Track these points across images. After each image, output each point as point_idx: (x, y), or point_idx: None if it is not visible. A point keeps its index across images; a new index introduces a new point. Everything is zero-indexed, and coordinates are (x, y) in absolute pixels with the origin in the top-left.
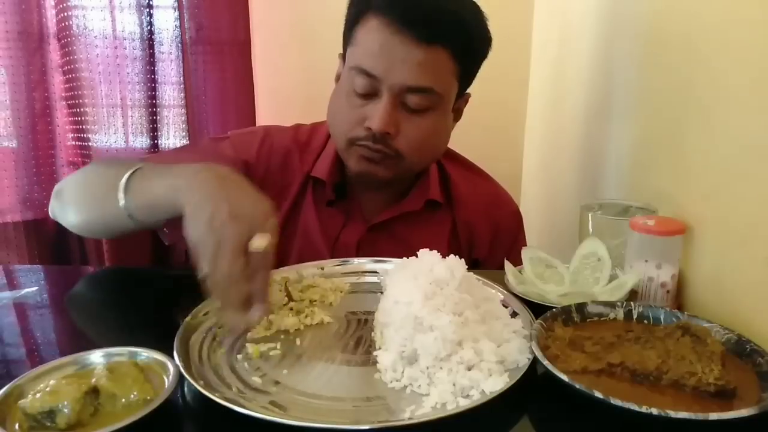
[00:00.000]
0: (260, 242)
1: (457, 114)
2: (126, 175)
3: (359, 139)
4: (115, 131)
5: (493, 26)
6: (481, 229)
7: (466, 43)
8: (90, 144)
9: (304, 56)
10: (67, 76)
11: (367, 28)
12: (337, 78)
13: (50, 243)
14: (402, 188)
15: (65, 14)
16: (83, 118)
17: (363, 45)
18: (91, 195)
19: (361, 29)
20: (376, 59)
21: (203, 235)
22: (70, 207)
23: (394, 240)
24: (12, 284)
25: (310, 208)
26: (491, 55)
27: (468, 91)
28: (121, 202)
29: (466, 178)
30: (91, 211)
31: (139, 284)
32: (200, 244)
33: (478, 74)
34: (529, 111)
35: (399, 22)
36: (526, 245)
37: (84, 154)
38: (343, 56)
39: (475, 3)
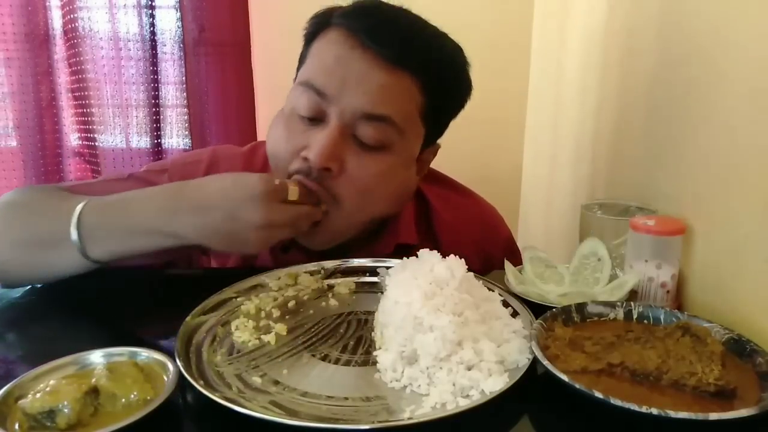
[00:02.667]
0: (291, 189)
1: (422, 166)
2: (77, 210)
3: (297, 172)
4: (121, 131)
5: (493, 26)
6: (472, 260)
7: (437, 75)
8: (96, 144)
9: None
10: (73, 77)
11: (325, 40)
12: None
13: None
14: (368, 233)
15: (72, 16)
16: (89, 119)
17: (316, 58)
18: (27, 240)
19: (317, 42)
20: (328, 74)
21: (259, 233)
22: None
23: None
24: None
25: (264, 256)
26: (491, 55)
27: (439, 142)
28: (73, 237)
29: (448, 203)
30: (28, 259)
31: (140, 284)
32: (267, 230)
33: (478, 74)
34: (529, 111)
35: (362, 36)
36: None
37: (91, 154)
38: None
39: (458, 45)
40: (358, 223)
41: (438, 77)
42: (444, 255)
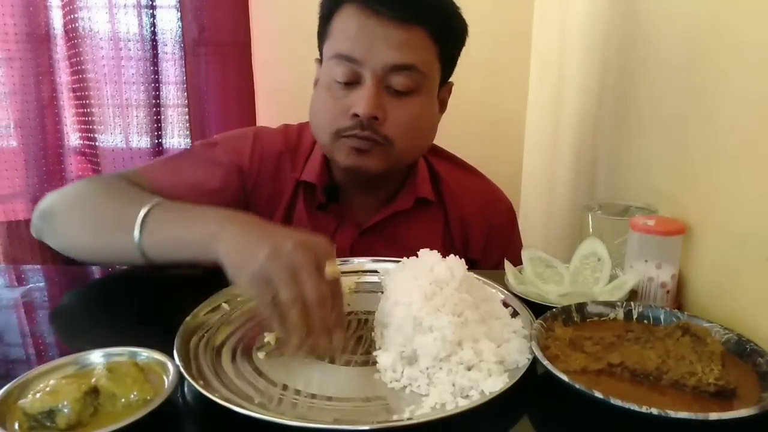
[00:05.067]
0: (333, 268)
1: (443, 105)
2: (143, 212)
3: (345, 130)
4: (121, 131)
5: (493, 26)
6: (476, 228)
7: (443, 25)
8: (97, 144)
9: (304, 57)
10: (74, 77)
11: (343, 17)
12: (316, 82)
13: None
14: (392, 189)
15: (72, 16)
16: (90, 118)
17: (340, 33)
18: (97, 224)
19: (335, 20)
20: (355, 42)
21: (270, 265)
22: (66, 232)
23: (388, 242)
24: (12, 283)
25: (301, 213)
26: (491, 55)
27: (451, 80)
28: (136, 239)
29: (456, 175)
30: (95, 240)
31: (140, 284)
32: (270, 274)
33: (479, 74)
34: (529, 111)
35: (375, 5)
36: (520, 242)
37: (92, 153)
38: (320, 59)
39: None
40: (409, 158)
41: (443, 25)
42: (451, 217)
